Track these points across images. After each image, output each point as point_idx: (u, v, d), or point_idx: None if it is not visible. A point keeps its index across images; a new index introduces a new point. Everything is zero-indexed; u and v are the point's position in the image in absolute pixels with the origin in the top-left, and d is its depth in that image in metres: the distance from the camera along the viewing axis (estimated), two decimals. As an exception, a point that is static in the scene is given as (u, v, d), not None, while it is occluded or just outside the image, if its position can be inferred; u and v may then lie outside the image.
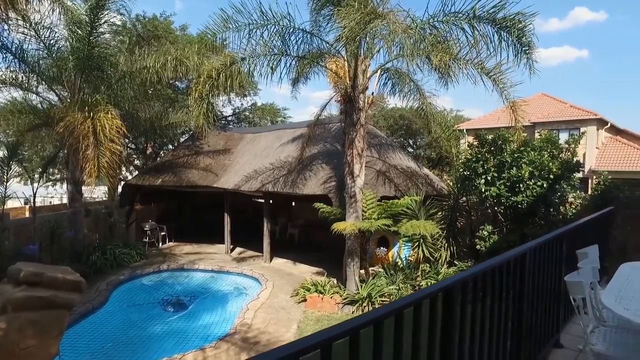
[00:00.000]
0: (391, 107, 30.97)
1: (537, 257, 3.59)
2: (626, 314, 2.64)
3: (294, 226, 17.17)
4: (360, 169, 9.53)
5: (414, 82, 10.57)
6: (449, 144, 10.75)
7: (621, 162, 24.02)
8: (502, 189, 9.00)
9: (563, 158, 9.45)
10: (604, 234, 7.29)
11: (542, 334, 3.78)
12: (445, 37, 8.83)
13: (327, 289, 9.74)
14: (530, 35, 8.16)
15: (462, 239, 10.90)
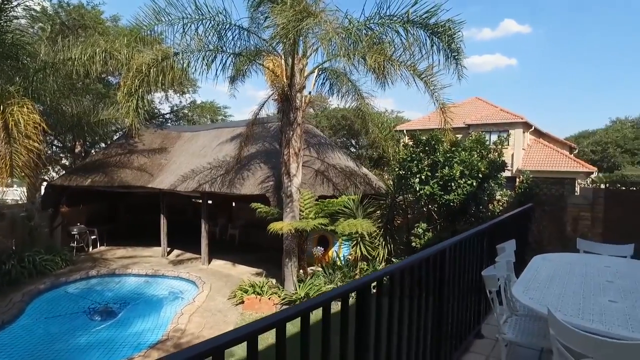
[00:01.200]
0: (334, 108, 31.32)
1: (458, 252, 3.73)
2: (530, 303, 2.78)
3: (234, 227, 16.82)
4: (298, 168, 9.49)
5: (351, 82, 10.71)
6: (386, 144, 10.99)
7: (543, 163, 25.95)
8: (436, 187, 9.34)
9: (491, 158, 9.98)
10: (524, 228, 7.78)
11: (464, 326, 3.93)
12: (381, 38, 9.01)
13: (265, 290, 9.60)
14: (459, 42, 8.53)
15: (399, 236, 11.19)
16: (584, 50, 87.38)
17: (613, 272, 3.60)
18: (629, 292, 3.03)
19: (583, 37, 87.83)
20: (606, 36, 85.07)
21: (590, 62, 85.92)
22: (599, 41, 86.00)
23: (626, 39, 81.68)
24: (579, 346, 2.18)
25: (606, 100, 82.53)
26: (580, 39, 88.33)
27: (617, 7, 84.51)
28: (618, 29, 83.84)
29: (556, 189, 10.38)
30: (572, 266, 3.81)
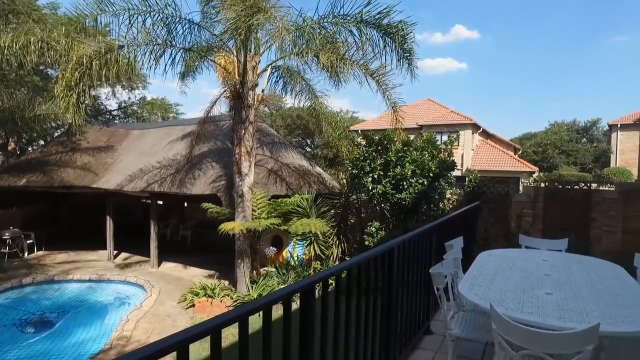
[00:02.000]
0: (289, 107, 31.19)
1: (407, 250, 3.76)
2: (475, 299, 2.83)
3: (186, 227, 16.29)
4: (250, 167, 9.31)
5: (305, 81, 10.66)
6: (340, 144, 11.04)
7: (490, 162, 27.17)
8: (388, 186, 9.48)
9: (441, 158, 10.27)
10: (472, 226, 8.05)
11: (413, 323, 3.97)
12: (334, 37, 9.02)
13: (217, 292, 9.34)
14: (411, 43, 8.69)
15: (353, 235, 11.27)
16: (527, 57, 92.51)
17: (550, 265, 3.76)
18: (562, 284, 3.16)
19: (526, 45, 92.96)
20: (544, 48, 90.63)
21: (532, 68, 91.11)
22: (540, 50, 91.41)
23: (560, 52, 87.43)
24: (517, 339, 2.24)
25: (546, 104, 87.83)
26: (524, 47, 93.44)
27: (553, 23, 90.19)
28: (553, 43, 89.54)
29: (501, 187, 10.85)
30: (514, 261, 3.94)
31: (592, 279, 3.32)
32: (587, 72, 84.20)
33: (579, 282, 3.23)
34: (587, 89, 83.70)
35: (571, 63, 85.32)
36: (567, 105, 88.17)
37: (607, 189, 10.94)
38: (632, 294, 2.95)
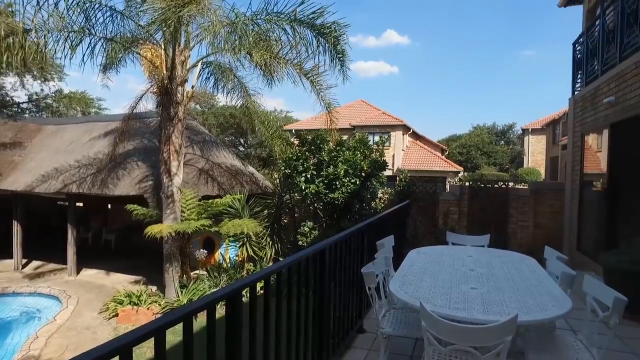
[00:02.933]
0: (221, 105, 30.35)
1: (339, 250, 3.74)
2: (405, 297, 2.85)
3: (109, 231, 15.19)
4: (179, 166, 8.87)
5: (238, 78, 10.38)
6: (273, 143, 10.89)
7: (420, 162, 28.45)
8: (321, 186, 9.50)
9: (373, 158, 10.49)
10: (403, 224, 8.30)
11: (346, 322, 3.95)
12: (268, 35, 8.87)
13: (143, 299, 8.79)
14: (344, 44, 8.78)
15: (287, 235, 11.18)
16: (453, 64, 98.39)
17: (474, 260, 3.94)
18: (485, 278, 3.31)
19: (452, 52, 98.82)
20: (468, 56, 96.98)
21: (457, 74, 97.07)
22: (464, 58, 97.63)
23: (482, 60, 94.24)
24: (445, 335, 2.27)
25: (470, 108, 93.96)
26: (450, 54, 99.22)
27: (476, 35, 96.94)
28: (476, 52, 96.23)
29: (430, 186, 11.35)
30: (442, 258, 4.08)
31: (510, 272, 3.51)
32: (504, 79, 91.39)
33: (499, 276, 3.40)
34: (504, 95, 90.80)
35: (491, 71, 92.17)
36: (488, 110, 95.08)
37: (521, 188, 11.85)
38: (543, 283, 3.16)
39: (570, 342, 2.95)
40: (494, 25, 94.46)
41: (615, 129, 6.70)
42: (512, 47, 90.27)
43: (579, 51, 9.01)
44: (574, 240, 8.51)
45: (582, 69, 8.64)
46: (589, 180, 8.14)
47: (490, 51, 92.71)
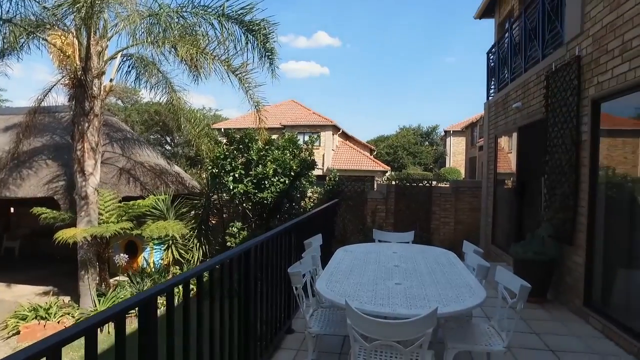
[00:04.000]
0: (146, 102, 28.73)
1: (265, 250, 3.66)
2: (331, 295, 2.85)
3: (12, 238, 13.67)
4: (95, 165, 8.22)
5: (162, 73, 9.86)
6: (199, 141, 10.49)
7: (349, 162, 29.12)
8: (250, 186, 9.33)
9: (302, 157, 10.51)
10: (331, 222, 8.40)
11: (275, 323, 3.88)
12: (194, 29, 8.53)
13: (53, 312, 8.00)
14: (273, 42, 8.68)
15: (215, 237, 10.85)
16: (381, 66, 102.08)
17: (399, 257, 4.07)
18: (409, 274, 3.42)
19: (381, 55, 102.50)
20: (396, 60, 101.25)
21: (385, 76, 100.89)
22: (392, 61, 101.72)
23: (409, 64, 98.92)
24: (370, 331, 2.30)
25: (397, 110, 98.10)
26: (379, 57, 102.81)
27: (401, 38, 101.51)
28: (403, 56, 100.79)
29: (358, 185, 11.61)
30: (368, 255, 4.16)
31: (432, 266, 3.67)
32: (429, 83, 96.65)
33: (422, 270, 3.54)
34: (429, 98, 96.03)
35: (417, 75, 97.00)
36: (414, 112, 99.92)
37: (443, 186, 12.54)
38: (461, 276, 3.34)
39: (484, 329, 3.14)
40: (420, 32, 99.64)
41: (522, 132, 7.33)
42: (435, 54, 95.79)
43: (492, 60, 9.74)
44: (489, 234, 9.18)
45: (495, 77, 9.34)
46: (502, 179, 8.82)
47: (416, 56, 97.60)
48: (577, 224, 4.99)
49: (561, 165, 5.39)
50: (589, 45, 4.89)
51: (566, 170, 5.25)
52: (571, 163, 5.12)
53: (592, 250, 4.72)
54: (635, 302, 4.24)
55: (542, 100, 6.09)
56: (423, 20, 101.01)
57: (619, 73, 4.25)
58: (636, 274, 4.26)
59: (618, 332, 4.06)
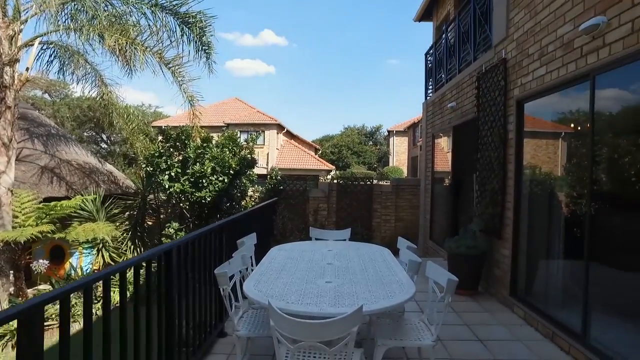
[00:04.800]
0: (78, 96, 26.91)
1: (193, 250, 3.47)
2: (257, 295, 2.73)
3: None
4: (8, 163, 7.46)
5: (90, 64, 9.18)
6: (133, 138, 9.91)
7: (294, 161, 29.02)
8: (187, 184, 8.94)
9: (242, 155, 10.23)
10: (269, 221, 8.25)
11: (205, 327, 3.70)
12: (125, 18, 8.02)
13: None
14: (210, 36, 8.37)
15: (151, 238, 10.31)
16: (327, 67, 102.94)
17: (333, 254, 4.01)
18: (342, 271, 3.37)
19: (326, 56, 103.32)
20: (341, 60, 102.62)
21: (331, 76, 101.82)
22: (338, 61, 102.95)
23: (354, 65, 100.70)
24: (292, 332, 2.20)
25: (342, 110, 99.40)
26: (324, 57, 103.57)
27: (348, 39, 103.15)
28: (348, 56, 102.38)
29: (300, 184, 11.54)
30: (303, 253, 4.07)
31: (366, 263, 3.64)
32: (373, 84, 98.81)
33: (355, 268, 3.50)
34: (373, 99, 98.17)
35: (362, 76, 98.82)
36: (358, 112, 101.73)
37: (384, 184, 12.78)
38: (393, 272, 3.34)
39: (415, 324, 3.15)
40: (365, 33, 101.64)
41: (457, 131, 7.59)
42: (380, 56, 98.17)
43: (429, 61, 10.03)
44: (427, 230, 9.46)
45: (433, 77, 9.63)
46: (441, 177, 9.10)
47: (361, 57, 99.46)
48: (504, 218, 5.22)
49: (491, 162, 5.62)
50: (514, 48, 5.13)
51: (495, 167, 5.47)
52: (499, 160, 5.34)
53: (517, 243, 4.95)
54: (551, 291, 4.49)
55: (474, 100, 6.32)
56: (369, 23, 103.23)
57: (538, 75, 4.48)
58: (553, 265, 4.51)
59: (537, 318, 4.28)
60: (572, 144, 4.31)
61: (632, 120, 3.33)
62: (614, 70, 3.37)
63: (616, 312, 3.46)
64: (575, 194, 4.07)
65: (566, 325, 3.86)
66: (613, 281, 3.50)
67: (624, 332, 3.36)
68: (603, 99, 3.58)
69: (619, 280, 3.45)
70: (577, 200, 4.00)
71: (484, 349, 3.84)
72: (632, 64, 3.18)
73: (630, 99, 3.39)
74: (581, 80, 3.76)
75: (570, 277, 4.14)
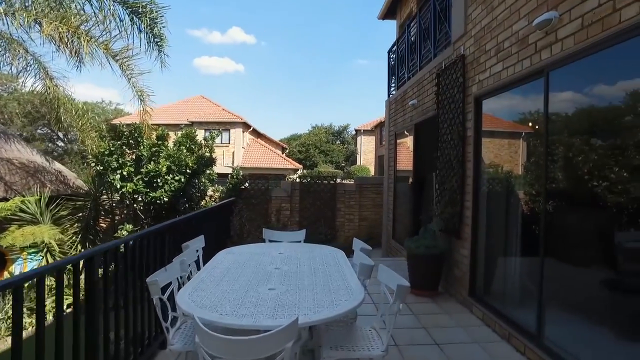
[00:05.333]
0: (29, 91, 25.42)
1: (128, 255, 3.17)
2: (189, 306, 2.46)
3: None
4: None
5: (32, 55, 8.53)
6: (83, 136, 9.30)
7: (260, 160, 28.58)
8: (140, 184, 8.47)
9: (200, 153, 9.81)
10: (226, 222, 7.92)
11: (142, 339, 3.40)
12: (68, 5, 7.47)
13: None
14: (162, 28, 7.93)
15: (105, 241, 9.73)
16: (296, 66, 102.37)
17: (284, 258, 3.77)
18: (289, 277, 3.13)
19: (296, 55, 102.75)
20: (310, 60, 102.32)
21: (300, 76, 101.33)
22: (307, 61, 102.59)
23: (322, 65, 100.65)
24: (218, 350, 1.95)
25: (310, 109, 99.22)
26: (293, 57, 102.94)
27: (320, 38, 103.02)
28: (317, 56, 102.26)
29: (262, 183, 11.22)
30: (252, 257, 3.81)
31: (316, 267, 3.43)
32: (342, 84, 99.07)
33: (304, 273, 3.27)
34: (341, 99, 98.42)
35: (331, 75, 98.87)
36: (326, 111, 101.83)
37: (347, 183, 12.65)
38: (343, 277, 3.13)
39: (365, 332, 2.96)
40: (335, 34, 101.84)
41: (418, 129, 7.51)
42: (350, 56, 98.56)
43: (392, 59, 9.95)
44: (390, 229, 9.36)
45: (395, 75, 9.55)
46: (404, 175, 9.01)
47: (331, 57, 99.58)
48: (463, 217, 5.13)
49: (450, 160, 5.53)
50: (471, 45, 5.05)
51: (454, 165, 5.38)
52: (458, 158, 5.25)
53: (476, 242, 4.87)
54: (508, 290, 4.43)
55: (434, 97, 6.23)
56: (339, 23, 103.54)
57: (495, 72, 4.40)
58: (510, 264, 4.45)
59: (494, 319, 4.20)
60: (529, 142, 4.25)
61: (585, 117, 3.26)
62: (566, 66, 3.30)
63: (570, 310, 3.40)
64: (533, 192, 4.01)
65: (521, 325, 3.79)
66: (567, 279, 3.44)
67: (576, 331, 3.30)
68: (557, 96, 3.50)
69: (572, 277, 3.39)
70: (534, 199, 3.94)
71: (440, 353, 3.71)
72: (584, 60, 3.11)
73: (582, 95, 3.33)
74: (536, 77, 3.69)
75: (527, 275, 4.08)
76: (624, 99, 2.91)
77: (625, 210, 2.92)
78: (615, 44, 2.78)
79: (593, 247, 3.21)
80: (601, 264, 3.15)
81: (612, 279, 2.99)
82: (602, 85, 3.13)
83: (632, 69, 2.79)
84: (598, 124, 3.17)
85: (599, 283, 3.13)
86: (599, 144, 3.15)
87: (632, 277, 2.85)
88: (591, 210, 3.18)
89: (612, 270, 3.05)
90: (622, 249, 2.97)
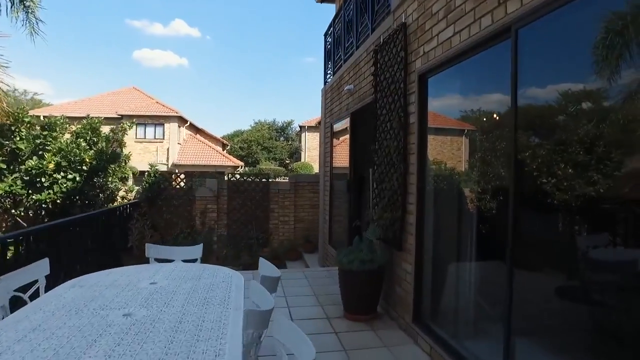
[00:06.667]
0: None
1: None
2: None
3: None
4: None
5: None
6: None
7: (198, 157, 26.73)
8: (17, 184, 6.81)
9: (101, 147, 8.22)
10: (123, 232, 6.49)
11: None
12: None
13: None
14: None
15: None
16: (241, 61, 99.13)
17: (151, 292, 2.57)
18: (138, 334, 1.94)
19: (241, 50, 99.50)
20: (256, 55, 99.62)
21: (245, 71, 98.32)
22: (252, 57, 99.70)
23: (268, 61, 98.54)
24: None
25: (253, 105, 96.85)
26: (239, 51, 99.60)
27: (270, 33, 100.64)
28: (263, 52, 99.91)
29: (185, 182, 9.82)
30: (104, 292, 2.57)
31: (189, 312, 2.26)
32: (288, 81, 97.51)
33: (167, 321, 2.10)
34: (287, 95, 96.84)
35: (278, 71, 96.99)
36: (271, 107, 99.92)
37: (282, 181, 11.51)
38: (221, 329, 1.98)
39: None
40: (281, 30, 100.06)
41: (355, 118, 6.53)
42: (297, 53, 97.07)
43: (329, 42, 8.93)
44: (327, 233, 8.33)
45: (331, 59, 8.54)
46: (342, 172, 8.00)
47: (278, 54, 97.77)
48: (405, 223, 4.17)
49: (389, 153, 4.56)
50: (415, 10, 4.08)
51: (394, 160, 4.41)
52: (399, 151, 4.28)
53: (421, 255, 3.92)
54: (462, 316, 3.51)
55: (372, 79, 5.25)
56: (286, 21, 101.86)
57: (444, 39, 3.44)
58: (464, 281, 3.54)
59: (444, 355, 3.26)
60: (489, 128, 3.32)
61: (569, 89, 2.36)
62: (542, 18, 2.37)
63: (550, 337, 2.50)
64: (496, 190, 3.08)
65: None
66: (544, 295, 2.54)
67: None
68: (529, 62, 2.57)
69: (551, 294, 2.49)
70: (498, 199, 3.02)
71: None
72: (567, 7, 2.20)
73: (567, 58, 2.42)
74: (500, 39, 2.75)
75: (489, 295, 3.18)
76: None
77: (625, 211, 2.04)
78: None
79: (580, 257, 2.31)
80: (591, 275, 2.26)
81: (609, 297, 2.10)
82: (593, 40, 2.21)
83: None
84: (591, 95, 2.26)
85: (590, 301, 2.25)
86: (586, 121, 2.25)
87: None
88: (579, 212, 2.28)
89: (609, 285, 2.16)
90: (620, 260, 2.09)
